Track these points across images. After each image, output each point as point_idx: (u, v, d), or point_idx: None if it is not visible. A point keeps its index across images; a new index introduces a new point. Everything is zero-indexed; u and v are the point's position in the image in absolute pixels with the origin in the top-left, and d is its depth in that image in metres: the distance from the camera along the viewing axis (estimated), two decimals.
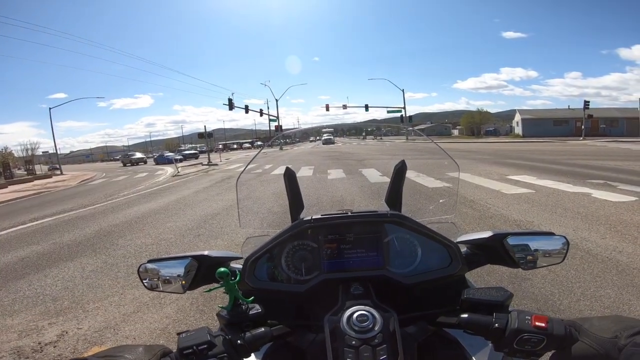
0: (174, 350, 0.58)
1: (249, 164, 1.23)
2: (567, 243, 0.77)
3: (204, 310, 2.85)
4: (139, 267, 0.79)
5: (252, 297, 0.68)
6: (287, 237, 0.77)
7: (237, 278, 0.69)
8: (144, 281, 0.79)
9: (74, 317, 2.93)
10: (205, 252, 0.79)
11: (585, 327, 0.55)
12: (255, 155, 1.30)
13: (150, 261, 0.79)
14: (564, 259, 0.77)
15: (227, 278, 0.65)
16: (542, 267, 0.77)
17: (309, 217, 0.77)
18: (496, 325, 0.58)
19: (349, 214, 0.78)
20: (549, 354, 0.58)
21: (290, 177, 0.89)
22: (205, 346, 0.57)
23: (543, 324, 0.55)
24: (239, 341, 0.60)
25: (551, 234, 0.78)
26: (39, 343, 2.55)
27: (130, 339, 2.54)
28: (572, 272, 3.06)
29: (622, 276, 2.94)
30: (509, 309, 0.61)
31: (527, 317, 0.57)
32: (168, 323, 2.70)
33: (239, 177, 1.15)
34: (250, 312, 0.65)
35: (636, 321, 0.53)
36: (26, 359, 2.40)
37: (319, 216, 0.77)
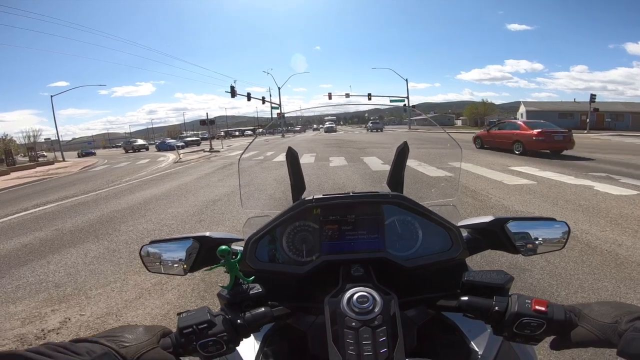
0: (174, 331, 0.58)
1: (250, 143, 1.23)
2: (568, 229, 0.76)
3: (205, 296, 2.89)
4: (140, 249, 0.79)
5: (253, 277, 0.68)
6: (289, 217, 0.76)
7: (239, 256, 0.68)
8: (145, 263, 0.79)
9: (77, 303, 2.96)
10: (207, 234, 0.80)
11: (584, 312, 0.55)
12: (255, 137, 1.31)
13: (152, 242, 0.79)
14: (564, 245, 0.77)
15: (228, 256, 0.64)
16: (543, 253, 0.77)
17: (311, 197, 0.77)
18: (496, 308, 0.58)
19: (351, 194, 0.78)
20: (548, 339, 0.57)
21: (292, 157, 0.89)
22: (205, 325, 0.56)
23: (543, 308, 0.55)
24: (239, 321, 0.60)
25: (552, 219, 0.77)
26: (42, 330, 2.58)
27: None
28: (570, 264, 3.07)
29: (621, 269, 2.95)
30: (509, 293, 0.61)
31: (527, 301, 0.57)
32: (170, 309, 2.74)
33: (241, 156, 1.15)
34: (251, 292, 0.65)
35: (635, 307, 0.52)
36: (29, 346, 2.42)
37: (321, 196, 0.77)
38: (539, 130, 11.50)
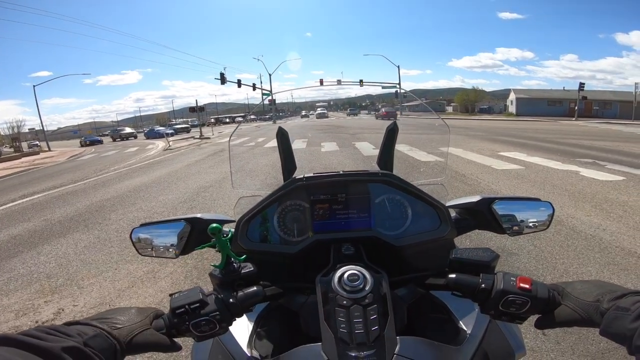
0: (165, 313, 0.58)
1: (237, 127, 1.23)
2: (553, 210, 0.78)
3: (198, 283, 2.90)
4: (131, 232, 0.78)
5: (244, 256, 0.67)
6: (280, 196, 0.76)
7: (230, 235, 0.68)
8: (137, 247, 0.79)
9: (70, 294, 2.95)
10: (198, 215, 0.79)
11: (567, 290, 0.56)
12: (240, 123, 1.30)
13: (142, 225, 0.78)
14: (549, 225, 0.78)
15: (219, 234, 0.63)
16: (528, 233, 0.79)
17: (302, 176, 0.77)
18: (483, 285, 0.58)
19: (341, 172, 0.78)
20: (532, 318, 0.58)
21: (282, 136, 0.89)
22: (198, 305, 0.56)
23: (527, 286, 0.56)
24: (231, 300, 0.60)
25: (537, 199, 0.79)
26: (37, 322, 2.57)
27: None
28: (556, 249, 3.15)
29: (605, 254, 3.04)
30: (495, 271, 0.62)
31: (512, 278, 0.57)
32: (163, 297, 2.75)
33: (230, 137, 1.14)
34: (243, 271, 0.65)
35: (616, 286, 0.53)
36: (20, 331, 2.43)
37: (311, 174, 0.78)
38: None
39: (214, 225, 0.63)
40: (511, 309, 0.56)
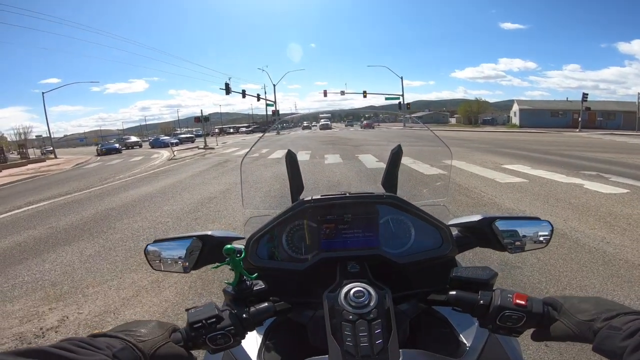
0: (181, 327, 0.62)
1: (252, 147, 1.28)
2: (552, 228, 0.81)
3: (202, 293, 2.92)
4: (145, 248, 0.82)
5: (256, 274, 0.71)
6: (288, 217, 0.80)
7: (243, 255, 0.72)
8: (150, 261, 0.82)
9: (74, 302, 2.97)
10: (209, 232, 0.83)
11: (566, 306, 0.58)
12: (259, 139, 1.35)
13: (155, 241, 0.82)
14: (548, 243, 0.81)
15: (234, 255, 0.68)
16: (528, 250, 0.81)
17: (309, 198, 0.81)
18: (481, 302, 0.62)
19: (347, 195, 0.82)
20: (530, 331, 0.62)
21: (291, 159, 0.93)
22: (214, 320, 0.60)
23: (523, 302, 0.59)
24: (244, 315, 0.64)
25: (537, 218, 0.82)
26: (41, 328, 2.58)
27: None
28: (560, 262, 3.15)
29: (608, 267, 3.03)
30: (494, 287, 0.65)
31: (509, 295, 0.61)
32: (167, 307, 2.76)
33: (243, 159, 1.19)
34: (255, 288, 0.69)
35: (614, 304, 0.56)
36: (28, 345, 2.40)
37: (319, 197, 0.82)
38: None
39: (229, 246, 0.67)
40: (508, 323, 0.59)
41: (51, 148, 30.30)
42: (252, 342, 0.75)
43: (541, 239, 0.81)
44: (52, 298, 3.06)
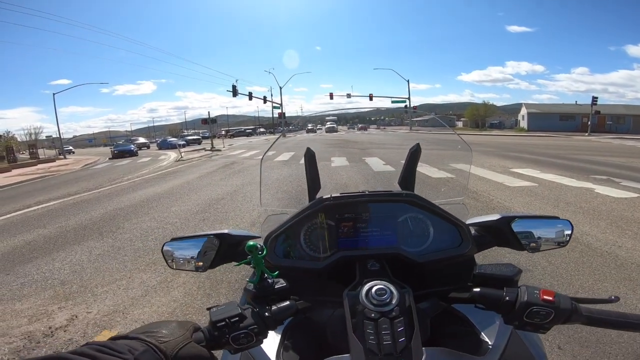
0: (202, 327, 0.60)
1: (269, 148, 1.30)
2: (572, 227, 0.80)
3: (210, 294, 2.92)
4: (162, 246, 0.82)
5: (277, 272, 0.70)
6: (307, 215, 0.80)
7: (264, 252, 0.71)
8: (167, 260, 0.82)
9: (83, 301, 2.98)
10: (226, 231, 0.83)
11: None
12: (277, 139, 1.35)
13: (172, 240, 0.82)
14: (567, 242, 0.80)
15: (256, 252, 0.67)
16: (547, 250, 0.80)
17: (328, 195, 0.81)
18: (507, 298, 0.61)
19: (367, 193, 0.82)
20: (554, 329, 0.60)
21: (310, 157, 0.93)
22: (237, 319, 0.59)
23: (551, 298, 0.59)
24: (266, 314, 0.63)
25: (556, 218, 0.81)
26: (50, 327, 2.58)
27: (140, 323, 2.58)
28: (572, 265, 3.10)
29: (620, 270, 2.99)
30: (518, 284, 0.64)
31: (535, 291, 0.60)
32: (176, 307, 2.77)
33: (263, 156, 1.19)
34: (276, 287, 0.68)
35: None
36: (37, 344, 2.40)
37: (338, 194, 0.81)
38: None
39: (251, 243, 0.67)
40: (535, 319, 0.59)
41: (70, 147, 30.62)
42: (270, 341, 0.74)
43: (561, 238, 0.80)
44: (62, 297, 3.08)
